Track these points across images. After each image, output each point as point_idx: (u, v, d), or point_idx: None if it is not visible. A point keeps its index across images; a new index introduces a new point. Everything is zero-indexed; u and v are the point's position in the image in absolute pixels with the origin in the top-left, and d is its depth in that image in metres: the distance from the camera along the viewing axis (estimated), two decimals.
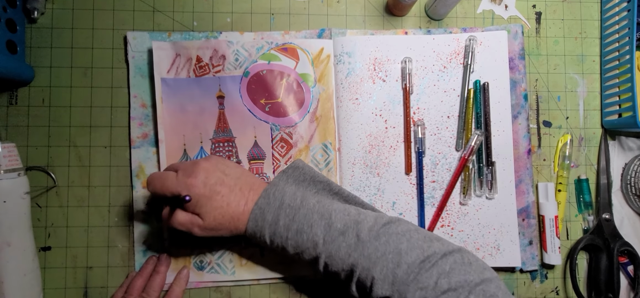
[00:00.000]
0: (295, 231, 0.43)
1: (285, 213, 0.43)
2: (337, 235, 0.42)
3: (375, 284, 0.40)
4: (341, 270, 0.42)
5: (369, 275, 0.41)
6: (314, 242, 0.42)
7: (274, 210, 0.43)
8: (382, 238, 0.41)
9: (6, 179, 0.45)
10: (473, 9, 0.58)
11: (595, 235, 0.56)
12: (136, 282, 0.49)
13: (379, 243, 0.41)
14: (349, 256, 0.41)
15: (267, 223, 0.43)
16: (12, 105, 0.52)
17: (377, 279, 0.40)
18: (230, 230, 0.45)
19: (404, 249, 0.41)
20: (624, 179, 0.58)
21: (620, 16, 0.55)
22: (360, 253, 0.41)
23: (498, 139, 0.55)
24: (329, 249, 0.42)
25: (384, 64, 0.55)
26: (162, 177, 0.44)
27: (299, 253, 0.44)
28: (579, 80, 0.58)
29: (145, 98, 0.53)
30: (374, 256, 0.41)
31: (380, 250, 0.41)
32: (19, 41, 0.51)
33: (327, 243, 0.42)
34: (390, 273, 0.40)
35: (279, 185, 0.46)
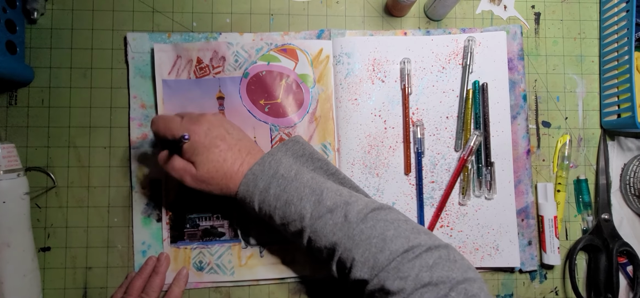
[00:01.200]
0: (285, 201, 0.42)
1: (277, 183, 0.43)
2: (325, 211, 0.41)
3: (354, 266, 0.40)
4: (324, 247, 0.42)
5: (350, 256, 0.40)
6: (301, 215, 0.42)
7: (267, 178, 0.43)
8: (369, 223, 0.41)
9: (6, 180, 0.46)
10: (472, 9, 0.58)
11: (594, 235, 0.56)
12: (135, 283, 0.49)
13: (365, 226, 0.41)
14: (334, 234, 0.41)
15: (258, 190, 0.43)
16: (12, 105, 0.52)
17: (357, 261, 0.40)
18: (221, 188, 0.44)
19: (390, 236, 0.40)
20: (623, 179, 0.58)
21: (619, 17, 0.55)
22: (345, 233, 0.41)
23: (497, 140, 0.55)
24: (315, 225, 0.41)
25: (383, 65, 0.55)
26: (166, 119, 0.45)
27: (285, 224, 0.43)
28: (578, 81, 0.59)
29: (145, 99, 0.53)
30: (358, 238, 0.40)
31: (366, 234, 0.40)
32: (18, 42, 0.51)
33: (314, 219, 0.41)
34: (372, 257, 0.39)
35: (276, 155, 0.45)
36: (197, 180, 0.44)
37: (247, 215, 0.53)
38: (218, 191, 0.45)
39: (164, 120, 0.45)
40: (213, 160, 0.43)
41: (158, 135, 0.45)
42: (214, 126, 0.45)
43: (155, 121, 0.45)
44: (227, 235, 0.52)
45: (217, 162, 0.44)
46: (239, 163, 0.44)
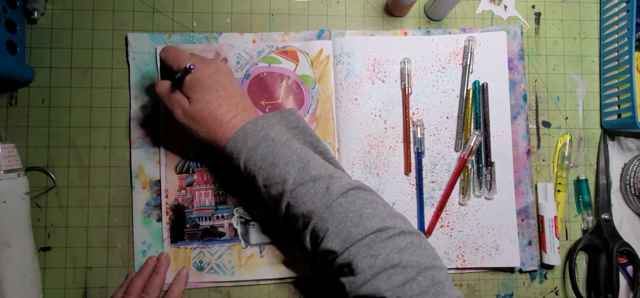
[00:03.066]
0: (270, 163, 0.42)
1: (266, 144, 0.43)
2: (309, 180, 0.41)
3: (327, 236, 0.40)
4: (301, 214, 0.42)
5: (324, 226, 0.41)
6: (283, 179, 0.42)
7: (257, 138, 0.43)
8: (349, 198, 0.41)
9: (6, 180, 0.46)
10: (472, 9, 0.58)
11: (594, 235, 0.56)
12: (136, 282, 0.49)
13: (345, 201, 0.41)
14: (313, 203, 0.41)
15: (246, 147, 0.43)
16: (12, 105, 0.52)
17: (330, 232, 0.40)
18: (208, 132, 0.44)
19: (366, 214, 0.40)
20: (623, 179, 0.58)
21: (620, 17, 0.55)
22: (324, 203, 0.41)
23: (497, 140, 0.55)
24: (296, 191, 0.41)
25: (383, 65, 0.55)
26: (177, 50, 0.45)
27: (266, 186, 0.43)
28: (578, 81, 0.59)
29: (145, 99, 0.53)
30: (335, 210, 0.40)
31: (344, 207, 0.40)
32: (18, 42, 0.51)
33: (296, 184, 0.42)
34: (345, 230, 0.40)
35: (270, 120, 0.45)
36: (187, 115, 0.44)
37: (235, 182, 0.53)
38: (205, 135, 0.45)
39: (174, 51, 0.45)
40: (209, 102, 0.44)
41: (165, 64, 0.46)
42: (220, 72, 0.45)
43: (166, 49, 0.46)
44: (227, 235, 0.53)
45: (213, 105, 0.44)
46: (232, 114, 0.45)
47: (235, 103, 0.45)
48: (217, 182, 0.53)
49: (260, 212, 0.53)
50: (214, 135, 0.45)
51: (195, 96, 0.44)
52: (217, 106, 0.44)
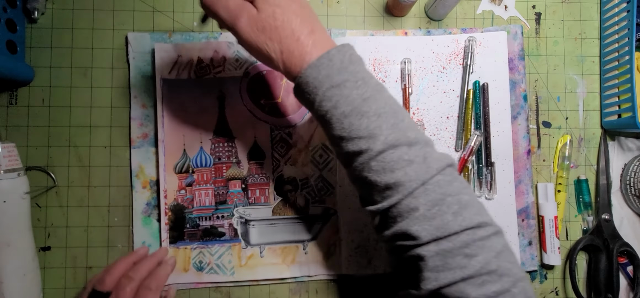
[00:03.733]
0: (358, 111, 0.33)
1: (355, 84, 0.34)
2: (404, 142, 0.33)
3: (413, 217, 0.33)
4: (384, 185, 0.33)
5: (412, 204, 0.33)
6: (372, 134, 0.33)
7: (346, 73, 0.34)
8: (448, 177, 0.34)
9: (6, 179, 0.46)
10: (473, 9, 0.58)
11: (594, 235, 0.56)
12: (113, 271, 0.44)
13: (443, 179, 0.33)
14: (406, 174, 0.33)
15: (329, 82, 0.34)
16: (12, 105, 0.52)
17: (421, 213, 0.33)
18: (282, 51, 0.34)
19: (465, 201, 0.33)
20: (623, 180, 0.58)
21: (620, 17, 0.55)
22: (420, 177, 0.33)
23: (497, 140, 0.55)
24: (386, 154, 0.33)
25: (383, 65, 0.55)
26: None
27: (344, 138, 0.34)
28: (578, 81, 0.59)
29: (145, 98, 0.53)
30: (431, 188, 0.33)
31: (443, 188, 0.33)
32: (19, 41, 0.51)
33: (388, 145, 0.33)
34: (440, 216, 0.32)
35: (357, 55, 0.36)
36: (256, 24, 0.34)
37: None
38: (277, 55, 0.35)
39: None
40: (284, 5, 0.34)
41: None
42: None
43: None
44: (227, 235, 0.52)
45: (287, 11, 0.34)
46: (309, 28, 0.35)
47: (309, 12, 0.36)
48: (217, 182, 0.53)
49: (261, 212, 0.53)
50: (289, 55, 0.34)
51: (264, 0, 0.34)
52: (292, 14, 0.34)
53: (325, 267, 0.53)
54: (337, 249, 0.53)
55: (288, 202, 0.53)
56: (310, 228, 0.53)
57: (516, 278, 0.32)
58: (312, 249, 0.53)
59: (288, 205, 0.53)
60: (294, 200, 0.53)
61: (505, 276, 0.32)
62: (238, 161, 0.53)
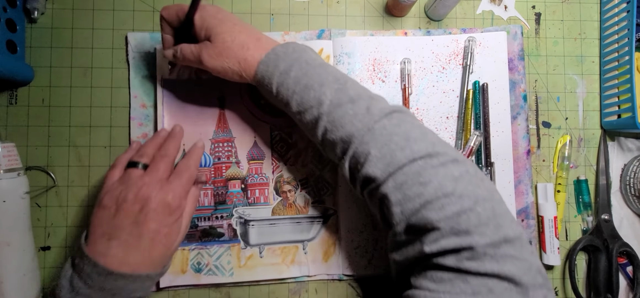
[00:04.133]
0: (304, 86, 0.40)
1: (299, 66, 0.40)
2: (347, 100, 0.38)
3: (369, 160, 0.37)
4: (339, 139, 0.39)
5: (365, 150, 0.37)
6: (319, 101, 0.39)
7: (289, 60, 0.41)
8: (394, 120, 0.37)
9: (6, 179, 0.46)
10: (472, 9, 0.58)
11: (594, 235, 0.56)
12: (146, 148, 0.45)
13: (389, 123, 0.37)
14: (353, 125, 0.37)
15: (278, 71, 0.40)
16: (12, 105, 0.52)
17: (373, 155, 0.36)
18: (239, 61, 0.42)
19: (414, 137, 0.36)
20: (623, 180, 0.58)
21: (620, 17, 0.55)
22: (366, 125, 0.37)
23: (497, 140, 0.55)
24: (334, 113, 0.38)
25: (383, 65, 0.55)
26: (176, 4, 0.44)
27: (301, 112, 0.40)
28: (578, 81, 0.59)
29: (145, 98, 0.53)
30: (378, 132, 0.37)
31: (388, 129, 0.37)
32: (19, 41, 0.51)
33: (333, 106, 0.38)
34: (389, 154, 0.36)
35: (300, 45, 0.43)
36: (214, 53, 0.42)
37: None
38: (236, 66, 0.42)
39: (174, 6, 0.44)
40: (228, 31, 0.42)
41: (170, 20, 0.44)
42: (224, 10, 0.44)
43: (166, 8, 0.44)
44: (226, 236, 0.52)
45: (232, 32, 0.42)
46: (255, 37, 0.43)
47: (252, 29, 0.44)
48: (217, 182, 0.53)
49: (260, 212, 0.53)
50: (245, 63, 0.42)
51: (213, 32, 0.42)
52: (237, 33, 0.42)
53: (325, 267, 0.53)
54: (337, 249, 0.53)
55: (288, 202, 0.53)
56: (310, 228, 0.53)
57: (478, 197, 0.34)
58: (312, 249, 0.53)
59: (288, 205, 0.53)
60: (293, 200, 0.53)
61: (465, 197, 0.34)
62: (238, 161, 0.53)
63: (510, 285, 0.32)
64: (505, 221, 0.34)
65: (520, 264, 0.32)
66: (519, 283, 0.32)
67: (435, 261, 0.34)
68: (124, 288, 0.38)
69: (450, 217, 0.33)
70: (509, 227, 0.34)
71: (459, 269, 0.33)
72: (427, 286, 0.34)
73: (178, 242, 0.43)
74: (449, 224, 0.33)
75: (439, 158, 0.35)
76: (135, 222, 0.38)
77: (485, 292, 0.32)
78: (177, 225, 0.42)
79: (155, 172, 0.41)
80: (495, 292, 0.32)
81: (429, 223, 0.34)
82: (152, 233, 0.39)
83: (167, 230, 0.40)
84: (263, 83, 0.42)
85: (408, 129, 0.37)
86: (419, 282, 0.35)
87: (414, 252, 0.36)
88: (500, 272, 0.32)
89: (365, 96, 0.39)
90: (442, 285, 0.33)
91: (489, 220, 0.33)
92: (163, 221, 0.40)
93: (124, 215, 0.38)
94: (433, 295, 0.33)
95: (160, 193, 0.40)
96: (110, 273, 0.37)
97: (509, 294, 0.32)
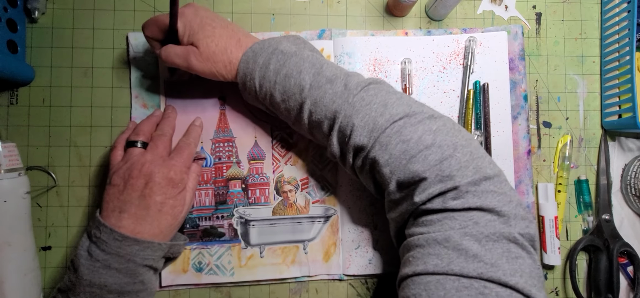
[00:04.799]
0: (284, 75, 0.42)
1: (276, 59, 0.43)
2: (325, 82, 0.41)
3: (354, 131, 0.40)
4: (324, 117, 0.42)
5: (350, 122, 0.40)
6: (300, 87, 0.42)
7: (266, 54, 0.43)
8: (371, 91, 0.41)
9: (6, 179, 0.46)
10: (473, 9, 0.58)
11: (594, 235, 0.56)
12: (143, 126, 0.48)
13: (366, 94, 0.40)
14: (334, 103, 0.41)
15: (257, 66, 0.43)
16: (13, 105, 0.52)
17: (357, 126, 0.40)
18: (224, 64, 0.45)
19: (391, 102, 0.40)
20: (623, 180, 0.58)
21: (620, 17, 0.55)
22: (345, 100, 0.40)
23: (498, 140, 0.55)
24: (315, 95, 0.41)
25: (383, 65, 0.55)
26: (154, 17, 0.46)
27: (285, 100, 0.43)
28: (579, 81, 0.59)
29: (146, 98, 0.53)
30: (358, 105, 0.40)
31: (366, 100, 0.40)
32: (19, 41, 0.51)
33: (314, 89, 0.41)
34: (371, 121, 0.39)
35: (276, 38, 0.46)
36: (202, 58, 0.44)
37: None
38: (222, 69, 0.45)
39: (153, 19, 0.46)
40: (210, 36, 0.44)
41: (154, 36, 0.46)
42: (199, 9, 0.46)
43: (146, 23, 0.46)
44: (227, 236, 0.52)
45: (214, 37, 0.44)
46: (236, 39, 0.45)
47: (231, 29, 0.46)
48: (217, 182, 0.53)
49: (261, 212, 0.53)
50: (229, 64, 0.45)
51: (197, 37, 0.44)
52: (218, 37, 0.44)
53: (325, 267, 0.53)
54: (337, 249, 0.53)
55: (288, 202, 0.53)
56: (311, 228, 0.53)
57: (457, 145, 0.37)
58: (313, 249, 0.53)
59: (288, 205, 0.53)
60: (294, 200, 0.53)
61: (445, 146, 0.37)
62: (238, 161, 0.53)
63: (493, 216, 0.35)
64: (484, 162, 0.37)
65: (500, 198, 0.36)
66: (500, 213, 0.35)
67: (424, 208, 0.38)
68: (137, 254, 0.41)
69: (433, 166, 0.36)
70: (488, 166, 0.37)
71: (445, 209, 0.36)
72: (419, 231, 0.38)
73: (184, 214, 0.46)
74: (434, 172, 0.36)
75: (416, 117, 0.39)
76: (142, 196, 0.42)
77: (472, 224, 0.35)
78: (181, 197, 0.45)
79: (155, 149, 0.45)
80: (480, 223, 0.35)
81: (415, 175, 0.37)
82: (158, 205, 0.43)
83: (173, 201, 0.44)
84: (245, 80, 0.44)
85: (384, 96, 0.40)
86: (412, 230, 0.39)
87: (407, 206, 0.39)
88: (482, 205, 0.35)
89: (341, 75, 0.42)
90: (432, 226, 0.37)
91: (468, 163, 0.36)
92: (167, 193, 0.43)
93: (131, 190, 0.42)
94: (425, 237, 0.36)
95: (163, 169, 0.43)
96: (125, 238, 0.40)
97: (492, 224, 0.35)
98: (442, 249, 0.35)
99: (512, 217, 0.35)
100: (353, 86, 0.41)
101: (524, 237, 0.35)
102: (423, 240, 0.36)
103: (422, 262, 0.35)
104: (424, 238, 0.36)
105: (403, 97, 0.41)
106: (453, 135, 0.38)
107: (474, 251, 0.34)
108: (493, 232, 0.34)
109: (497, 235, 0.34)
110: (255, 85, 0.44)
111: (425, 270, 0.35)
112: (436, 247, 0.35)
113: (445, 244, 0.35)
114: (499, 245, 0.34)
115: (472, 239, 0.34)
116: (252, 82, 0.44)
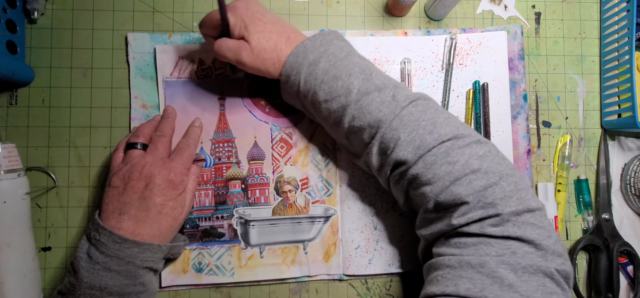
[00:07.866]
0: (332, 76, 0.42)
1: (327, 58, 0.43)
2: (374, 89, 0.41)
3: (399, 145, 0.39)
4: (367, 125, 0.41)
5: (395, 135, 0.40)
6: (347, 90, 0.41)
7: (317, 52, 0.43)
8: (420, 107, 0.40)
9: (6, 180, 0.46)
10: (472, 9, 0.58)
11: (594, 235, 0.56)
12: (143, 128, 0.48)
13: (415, 109, 0.40)
14: (380, 111, 0.40)
15: (306, 62, 0.43)
16: (12, 105, 0.52)
17: (402, 140, 0.39)
18: (273, 61, 0.44)
19: (440, 122, 0.40)
20: (623, 179, 0.58)
21: (620, 16, 0.55)
22: (392, 111, 0.40)
23: (497, 139, 0.55)
24: (361, 101, 0.41)
25: (383, 65, 0.55)
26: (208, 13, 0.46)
27: (328, 100, 0.43)
28: (578, 81, 0.59)
29: (145, 99, 0.53)
30: (406, 118, 0.40)
31: (415, 116, 0.40)
32: (19, 42, 0.51)
33: (361, 94, 0.41)
34: (419, 138, 0.39)
35: (327, 36, 0.45)
36: (253, 52, 0.44)
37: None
38: (271, 67, 0.45)
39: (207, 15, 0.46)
40: (261, 31, 0.44)
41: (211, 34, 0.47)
42: (251, 3, 0.46)
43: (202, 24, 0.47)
44: (227, 236, 0.52)
45: (265, 33, 0.44)
46: (285, 37, 0.45)
47: (281, 26, 0.45)
48: (217, 182, 0.53)
49: (261, 212, 0.53)
50: (278, 61, 0.44)
51: (248, 31, 0.44)
52: (268, 33, 0.44)
53: (325, 267, 0.53)
54: (337, 249, 0.53)
55: (288, 202, 0.53)
56: (311, 229, 0.53)
57: (503, 173, 0.37)
58: (313, 249, 0.53)
59: (288, 205, 0.53)
60: (294, 200, 0.53)
61: (491, 173, 0.37)
62: (238, 161, 0.53)
63: (531, 248, 0.35)
64: (528, 195, 0.37)
65: (540, 231, 0.35)
66: (539, 246, 0.35)
67: (459, 231, 0.37)
68: (137, 256, 0.41)
69: (477, 191, 0.36)
70: (531, 200, 0.37)
71: (483, 234, 0.36)
72: (451, 252, 0.37)
73: (184, 216, 0.47)
74: (477, 197, 0.36)
75: (464, 140, 0.39)
76: (142, 197, 0.42)
77: (509, 253, 0.34)
78: (181, 199, 0.45)
79: (154, 151, 0.45)
80: (517, 253, 0.34)
81: (458, 198, 0.37)
82: (158, 207, 0.43)
83: (173, 203, 0.44)
84: (290, 74, 0.44)
85: (433, 114, 0.40)
86: (442, 249, 0.39)
87: (442, 226, 0.39)
88: (521, 236, 0.35)
89: (390, 85, 0.42)
90: (466, 249, 0.36)
91: (512, 193, 0.36)
92: (167, 195, 0.44)
93: (131, 192, 0.42)
94: (457, 258, 0.36)
95: (163, 171, 0.44)
96: (125, 240, 0.41)
97: (530, 256, 0.34)
98: (476, 274, 0.34)
99: (549, 252, 0.35)
100: (402, 98, 0.41)
101: (560, 274, 0.35)
102: (455, 262, 0.36)
103: (452, 283, 0.35)
104: (456, 259, 0.36)
105: (451, 117, 0.41)
106: (498, 162, 0.38)
107: (510, 281, 0.33)
108: (530, 264, 0.34)
109: (534, 268, 0.34)
110: (299, 80, 0.43)
111: (456, 292, 0.34)
112: (469, 271, 0.35)
113: (480, 269, 0.34)
114: (535, 279, 0.34)
115: (508, 268, 0.34)
116: (296, 77, 0.44)
